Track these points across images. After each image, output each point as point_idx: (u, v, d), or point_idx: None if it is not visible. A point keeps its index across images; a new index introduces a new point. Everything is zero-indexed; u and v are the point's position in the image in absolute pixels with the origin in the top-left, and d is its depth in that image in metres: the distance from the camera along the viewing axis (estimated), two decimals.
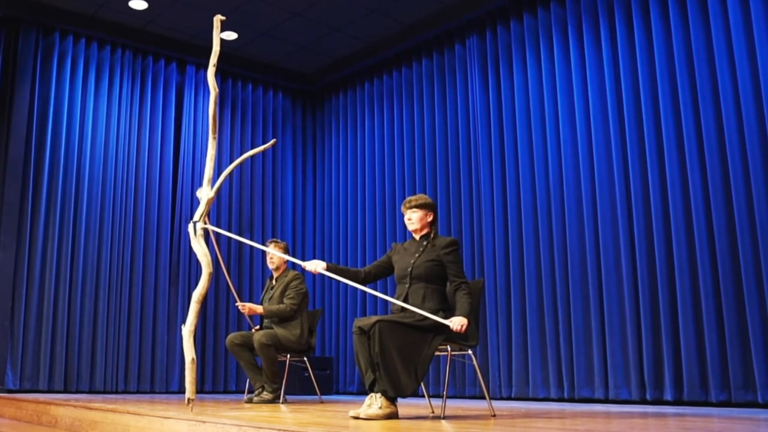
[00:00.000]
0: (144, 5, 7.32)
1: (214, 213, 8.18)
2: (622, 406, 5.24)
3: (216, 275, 7.48)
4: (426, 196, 4.05)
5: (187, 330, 3.81)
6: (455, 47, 7.51)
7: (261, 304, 5.74)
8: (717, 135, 5.37)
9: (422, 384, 3.85)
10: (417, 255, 3.91)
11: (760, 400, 4.88)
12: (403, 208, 4.04)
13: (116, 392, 7.22)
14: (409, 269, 3.89)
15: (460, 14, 7.27)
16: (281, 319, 5.52)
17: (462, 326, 3.63)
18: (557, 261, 6.23)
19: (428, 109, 7.69)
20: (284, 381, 5.42)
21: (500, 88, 6.98)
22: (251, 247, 8.12)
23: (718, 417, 4.00)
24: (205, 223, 4.09)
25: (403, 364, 3.52)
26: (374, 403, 3.46)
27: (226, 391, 7.92)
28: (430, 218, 4.00)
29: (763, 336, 4.93)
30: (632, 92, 5.94)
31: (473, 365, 4.13)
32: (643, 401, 5.50)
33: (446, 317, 3.70)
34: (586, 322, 5.96)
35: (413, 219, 3.98)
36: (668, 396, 5.35)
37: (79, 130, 7.47)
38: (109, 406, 4.20)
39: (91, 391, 7.08)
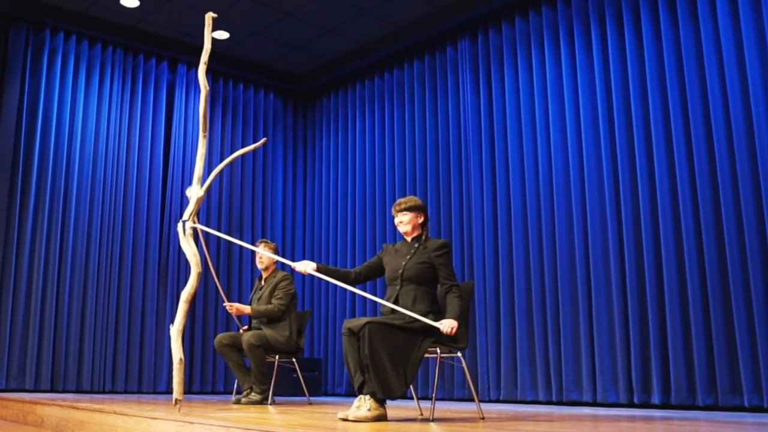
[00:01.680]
0: (135, 3, 7.29)
1: (204, 212, 8.15)
2: (610, 410, 5.25)
3: (205, 275, 7.45)
4: (416, 198, 4.04)
5: (176, 330, 3.79)
6: (447, 50, 7.51)
7: (250, 304, 5.72)
8: (706, 140, 5.40)
9: (411, 386, 3.84)
10: (408, 257, 3.90)
11: (746, 404, 4.90)
12: (393, 211, 4.03)
13: (103, 392, 7.17)
14: (400, 271, 3.88)
15: (452, 17, 7.28)
16: (270, 319, 5.50)
17: (452, 329, 3.62)
18: (546, 264, 6.24)
19: (419, 111, 7.69)
20: (273, 382, 5.41)
21: (491, 91, 6.99)
22: (241, 247, 8.10)
23: (705, 421, 4.02)
24: (195, 223, 4.07)
25: (393, 366, 3.51)
26: (363, 404, 3.45)
27: (214, 392, 7.90)
28: (420, 220, 3.99)
29: (749, 341, 4.96)
30: (622, 96, 5.96)
31: (462, 367, 4.13)
32: (630, 404, 5.51)
33: (436, 320, 3.70)
34: (574, 326, 5.97)
35: (404, 221, 3.98)
36: (656, 399, 5.36)
37: (69, 128, 7.43)
38: (96, 406, 4.17)
39: (78, 391, 7.03)
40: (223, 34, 7.90)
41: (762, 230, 5.02)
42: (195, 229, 4.07)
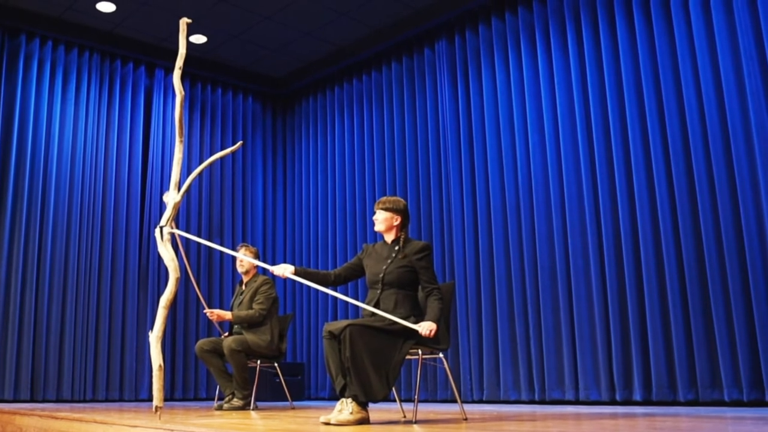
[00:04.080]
0: (112, 8, 7.23)
1: (184, 217, 8.10)
2: (593, 407, 5.27)
3: (185, 280, 7.41)
4: (400, 200, 3.98)
5: (155, 336, 3.76)
6: (424, 51, 7.53)
7: (231, 309, 5.68)
8: (682, 138, 5.45)
9: (393, 388, 3.84)
10: (389, 261, 3.88)
11: (726, 399, 4.95)
12: (374, 207, 4.03)
13: (84, 401, 7.10)
14: (381, 275, 3.86)
15: (429, 18, 7.29)
16: (251, 324, 5.47)
17: (431, 331, 3.62)
18: (527, 263, 6.26)
19: (398, 112, 7.69)
20: (255, 387, 5.38)
21: (469, 92, 7.01)
22: (221, 252, 8.05)
23: (687, 416, 4.05)
24: (172, 228, 4.04)
25: (375, 368, 3.50)
26: (345, 408, 3.44)
27: (196, 399, 7.84)
28: (396, 222, 3.95)
29: (728, 336, 5.01)
30: (598, 94, 6.00)
31: (444, 368, 4.13)
32: (612, 402, 5.54)
33: (417, 323, 3.69)
34: (555, 325, 6.00)
35: (379, 219, 3.96)
36: (637, 396, 5.40)
37: (46, 134, 7.35)
38: (76, 415, 4.13)
39: (58, 400, 6.96)
40: (200, 38, 7.86)
41: (738, 227, 5.07)
42: (173, 235, 4.04)
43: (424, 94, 7.48)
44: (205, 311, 5.48)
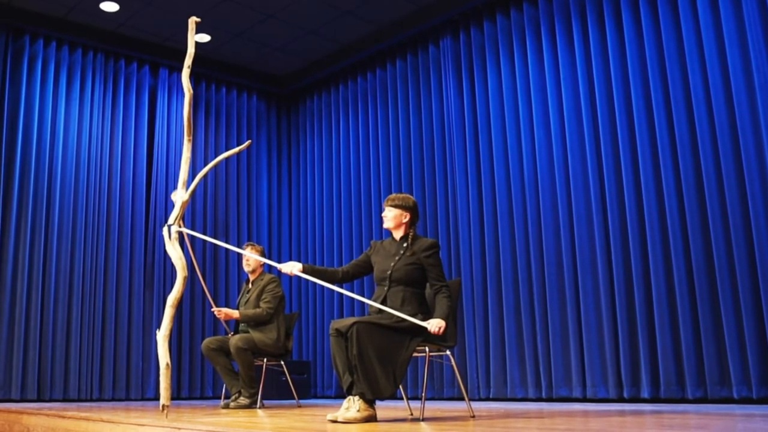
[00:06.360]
0: (115, 7, 7.23)
1: (190, 216, 8.10)
2: (600, 405, 5.26)
3: (192, 279, 7.41)
4: (409, 197, 3.98)
5: (162, 335, 3.76)
6: (429, 49, 7.52)
7: (237, 308, 5.68)
8: (689, 134, 5.42)
9: (400, 386, 3.83)
10: (397, 258, 3.87)
11: (735, 396, 4.93)
12: (383, 204, 4.03)
13: (91, 400, 7.11)
14: (389, 272, 3.85)
15: (434, 16, 7.28)
16: (258, 322, 5.47)
17: (439, 328, 3.61)
18: (533, 261, 6.25)
19: (403, 110, 7.68)
20: (261, 386, 5.38)
21: (474, 89, 7.00)
22: (227, 250, 8.06)
23: (695, 413, 4.03)
24: (180, 227, 4.04)
25: (381, 366, 3.49)
26: (352, 406, 3.43)
27: (202, 397, 7.85)
28: (406, 219, 3.95)
29: (737, 333, 4.99)
30: (605, 91, 5.98)
31: (451, 366, 4.12)
32: (620, 399, 5.53)
33: (424, 320, 3.68)
34: (563, 322, 5.98)
35: (388, 216, 3.96)
36: (645, 394, 5.38)
37: (50, 134, 7.36)
38: (83, 414, 4.13)
39: (65, 400, 6.97)
40: (204, 37, 7.85)
41: (747, 223, 5.05)
42: (181, 233, 4.04)
43: (429, 91, 7.47)
44: (213, 310, 5.48)
